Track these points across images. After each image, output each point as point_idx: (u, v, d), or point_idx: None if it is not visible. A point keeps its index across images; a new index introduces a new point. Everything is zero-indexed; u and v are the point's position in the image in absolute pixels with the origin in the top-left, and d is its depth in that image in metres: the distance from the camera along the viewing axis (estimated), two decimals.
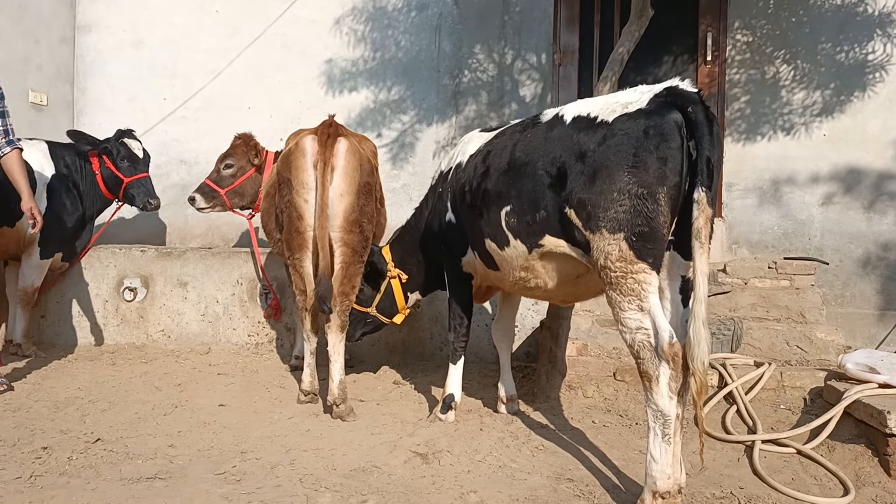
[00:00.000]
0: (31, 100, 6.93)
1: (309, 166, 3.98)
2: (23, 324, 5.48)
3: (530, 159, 3.04)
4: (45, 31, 7.15)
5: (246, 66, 7.28)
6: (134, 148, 5.75)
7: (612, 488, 3.06)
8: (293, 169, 4.03)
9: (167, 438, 3.53)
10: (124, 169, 5.66)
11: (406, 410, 4.21)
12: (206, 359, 5.58)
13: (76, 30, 7.57)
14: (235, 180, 5.48)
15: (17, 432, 3.53)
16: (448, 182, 3.86)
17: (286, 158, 4.12)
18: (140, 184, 5.70)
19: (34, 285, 5.50)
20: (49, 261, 5.53)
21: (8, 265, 5.68)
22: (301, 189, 4.00)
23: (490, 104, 6.78)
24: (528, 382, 4.76)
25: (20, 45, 6.84)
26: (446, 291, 4.14)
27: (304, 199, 4.00)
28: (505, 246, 3.23)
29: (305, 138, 4.05)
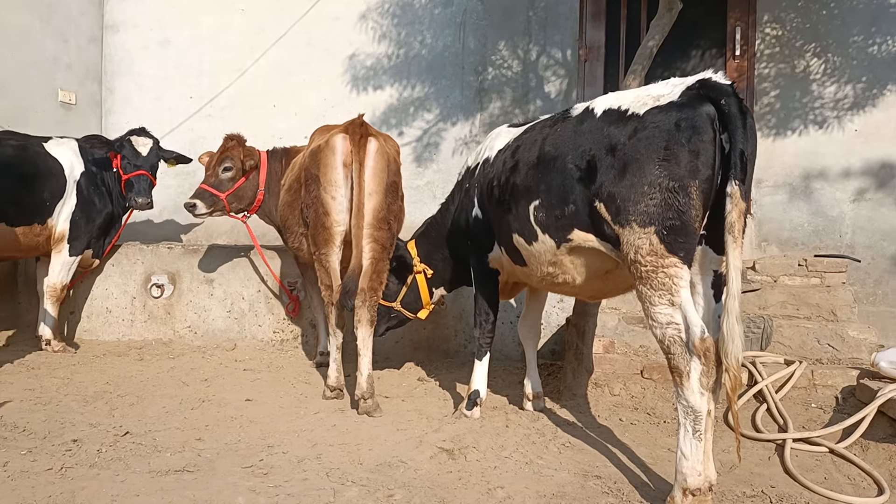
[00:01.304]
0: (60, 99, 7.03)
1: (339, 164, 4.04)
2: (52, 319, 5.55)
3: (560, 153, 3.01)
4: (74, 31, 7.25)
5: (271, 65, 7.32)
6: (138, 145, 5.71)
7: (641, 485, 3.03)
8: (322, 166, 4.07)
9: (195, 432, 3.55)
10: (125, 166, 5.68)
11: (431, 407, 4.20)
12: (232, 355, 5.61)
13: (104, 29, 7.66)
14: (235, 183, 5.33)
15: (47, 425, 3.57)
16: (475, 178, 3.85)
17: (315, 156, 4.15)
18: (134, 181, 5.63)
19: (63, 282, 5.57)
20: (78, 258, 5.60)
21: (39, 261, 5.76)
22: (329, 186, 4.05)
23: (515, 101, 6.75)
24: (554, 380, 4.73)
25: (49, 44, 6.94)
26: (471, 287, 4.13)
27: (331, 196, 4.06)
28: (533, 241, 3.21)
29: (336, 137, 4.09)
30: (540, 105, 6.64)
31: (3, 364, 4.99)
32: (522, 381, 4.23)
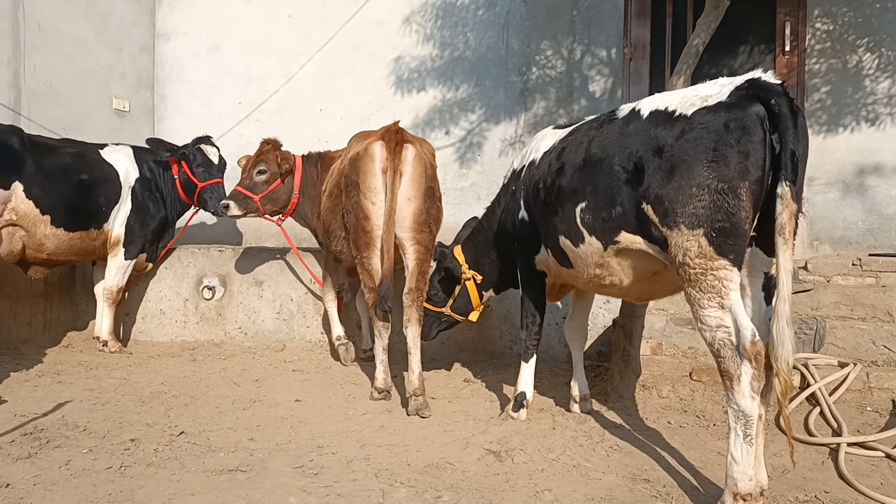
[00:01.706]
0: (114, 106, 7.25)
1: (377, 171, 4.15)
2: (108, 321, 5.73)
3: (606, 155, 2.99)
4: (127, 40, 7.47)
5: (317, 69, 7.43)
6: (209, 154, 5.95)
7: (691, 489, 2.99)
8: (361, 173, 4.18)
9: (247, 432, 3.63)
10: (199, 174, 5.87)
11: (477, 408, 4.21)
12: (281, 355, 5.72)
13: (156, 38, 7.88)
14: (269, 186, 5.42)
15: (106, 425, 3.69)
16: (521, 180, 3.85)
17: (354, 163, 4.25)
18: (213, 189, 5.87)
19: (119, 285, 5.75)
20: (133, 262, 5.77)
21: (96, 264, 5.95)
22: (368, 192, 4.16)
23: (559, 101, 6.73)
24: (601, 382, 4.71)
25: (104, 53, 7.16)
26: (518, 289, 4.14)
27: (371, 201, 4.17)
28: (579, 243, 3.20)
29: (374, 144, 4.19)
30: (584, 105, 6.61)
31: (63, 365, 5.18)
32: (568, 382, 4.21)
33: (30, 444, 3.33)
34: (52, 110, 6.51)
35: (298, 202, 5.54)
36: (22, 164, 5.00)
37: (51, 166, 5.19)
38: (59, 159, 5.30)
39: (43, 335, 6.11)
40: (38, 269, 5.39)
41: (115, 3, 7.31)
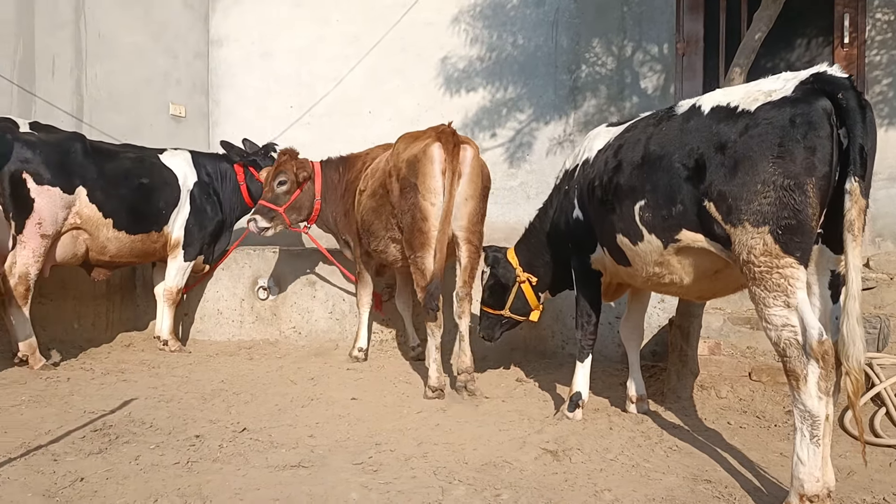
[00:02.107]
0: (171, 112, 7.45)
1: (437, 173, 4.24)
2: (168, 321, 5.89)
3: (666, 152, 2.96)
4: (182, 47, 7.66)
5: (366, 72, 7.51)
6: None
7: (753, 490, 2.95)
8: (420, 175, 4.26)
9: (307, 429, 3.69)
10: None
11: (532, 408, 4.21)
12: (334, 354, 5.80)
13: (209, 44, 8.06)
14: (291, 196, 5.47)
15: (171, 421, 3.80)
16: (575, 179, 3.83)
17: (413, 165, 4.32)
18: None
19: (178, 286, 5.91)
20: (192, 263, 5.93)
21: (156, 266, 6.12)
22: (428, 193, 4.26)
23: (609, 98, 6.67)
24: (656, 382, 4.65)
25: (161, 60, 7.36)
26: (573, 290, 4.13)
27: (430, 202, 4.27)
28: (638, 241, 3.17)
29: (432, 146, 4.27)
30: (636, 102, 6.54)
31: (126, 363, 5.34)
32: (623, 382, 4.18)
33: (100, 439, 3.44)
34: (112, 117, 6.72)
35: (322, 208, 5.59)
36: (85, 169, 5.18)
37: (112, 171, 5.37)
38: (121, 164, 5.47)
39: (106, 335, 6.31)
40: (101, 272, 5.57)
41: (171, 11, 7.51)
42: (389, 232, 4.71)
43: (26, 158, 4.87)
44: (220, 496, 2.79)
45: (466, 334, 4.56)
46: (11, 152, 4.82)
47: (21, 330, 4.89)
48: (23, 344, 4.89)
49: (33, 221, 4.88)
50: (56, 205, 4.97)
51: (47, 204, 4.92)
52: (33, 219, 4.87)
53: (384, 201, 4.67)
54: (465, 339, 4.54)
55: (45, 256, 4.97)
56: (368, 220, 4.91)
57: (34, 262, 4.89)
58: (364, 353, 5.52)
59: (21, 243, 4.86)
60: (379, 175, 4.77)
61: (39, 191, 4.89)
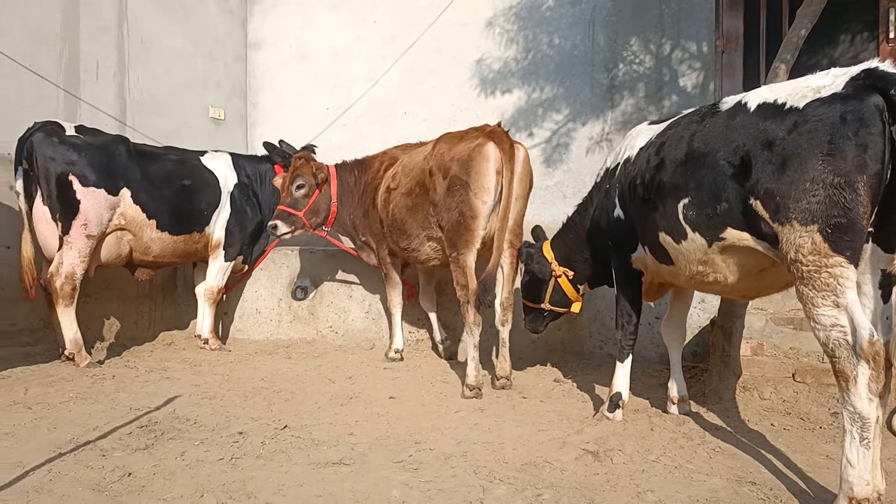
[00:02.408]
0: (210, 115, 7.57)
1: (492, 172, 4.31)
2: (209, 320, 5.98)
3: (710, 149, 2.93)
4: (222, 51, 7.78)
5: (401, 73, 7.54)
6: None
7: (799, 493, 2.90)
8: (474, 173, 4.31)
9: (346, 427, 3.73)
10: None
11: (570, 408, 4.19)
12: (371, 354, 5.84)
13: (248, 48, 8.17)
14: (309, 199, 5.51)
15: (214, 418, 3.86)
16: (616, 178, 3.81)
17: (466, 163, 4.36)
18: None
19: (219, 285, 6.01)
20: (232, 263, 6.02)
21: (196, 266, 6.23)
22: (481, 192, 4.31)
23: (648, 97, 6.61)
24: (697, 383, 4.60)
25: (200, 64, 7.49)
26: (610, 287, 4.10)
27: (482, 201, 4.32)
28: (682, 239, 3.14)
29: (488, 145, 4.33)
30: (675, 100, 6.47)
31: (168, 361, 5.44)
32: (663, 384, 4.15)
33: (146, 436, 3.51)
34: (153, 120, 6.84)
35: (339, 210, 5.63)
36: (129, 171, 5.29)
37: (155, 173, 5.48)
38: (163, 166, 5.58)
39: (148, 333, 6.44)
40: (145, 271, 5.69)
41: (210, 15, 7.63)
42: (427, 230, 4.74)
43: (72, 161, 4.99)
44: (263, 492, 2.83)
45: (507, 340, 4.69)
46: (58, 155, 4.95)
47: (68, 328, 5.01)
48: (69, 342, 5.01)
49: (79, 223, 5.00)
50: (101, 206, 5.08)
51: (93, 205, 5.03)
52: (79, 220, 4.99)
53: (422, 200, 4.70)
54: (506, 345, 4.69)
55: (90, 257, 5.08)
56: (401, 218, 4.94)
57: (80, 262, 5.01)
58: (400, 354, 5.55)
59: (67, 244, 4.98)
60: (416, 174, 4.80)
61: (85, 192, 5.01)
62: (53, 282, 4.96)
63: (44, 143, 4.94)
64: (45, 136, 4.96)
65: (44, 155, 4.93)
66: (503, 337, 4.70)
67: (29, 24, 5.65)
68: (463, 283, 4.43)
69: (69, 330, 5.01)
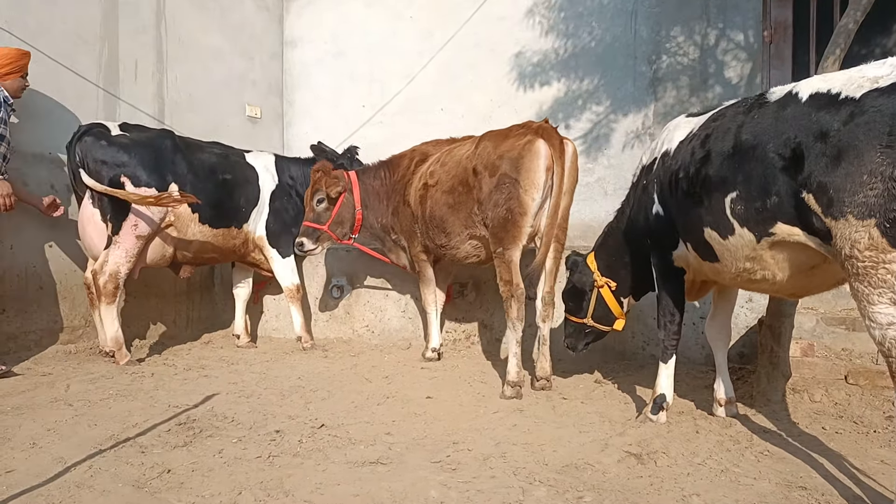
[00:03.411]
0: (247, 113, 7.67)
1: (542, 168, 4.35)
2: (299, 319, 6.07)
3: (759, 141, 2.86)
4: (258, 48, 7.87)
5: (438, 69, 7.55)
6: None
7: (853, 498, 2.82)
8: (524, 170, 4.36)
9: (383, 427, 3.74)
10: None
11: (612, 410, 4.15)
12: (407, 354, 5.86)
13: (284, 45, 8.26)
14: (332, 212, 5.50)
15: (252, 416, 3.91)
16: (654, 173, 3.74)
17: (516, 160, 4.40)
18: None
19: (295, 282, 6.11)
20: (292, 258, 6.10)
21: (235, 266, 6.30)
22: (531, 188, 4.36)
23: (692, 89, 6.50)
24: (744, 385, 4.51)
25: (237, 62, 7.59)
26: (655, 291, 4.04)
27: (531, 197, 4.37)
28: (728, 235, 3.08)
29: (538, 142, 4.39)
30: (720, 92, 6.36)
31: (206, 360, 5.52)
32: (708, 385, 4.08)
33: (185, 433, 3.57)
34: (191, 119, 6.95)
35: (364, 216, 5.60)
36: (175, 164, 5.39)
37: (199, 165, 5.58)
38: (207, 158, 5.68)
39: (186, 332, 6.55)
40: (187, 268, 5.77)
41: (246, 13, 7.73)
42: (469, 229, 4.75)
43: (122, 162, 5.09)
44: (301, 490, 2.86)
45: (548, 338, 4.71)
46: (109, 157, 5.06)
47: (109, 326, 5.11)
48: (111, 339, 5.12)
49: (130, 223, 5.11)
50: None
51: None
52: (130, 220, 5.10)
53: (465, 198, 4.71)
54: (546, 344, 4.70)
55: (136, 257, 5.18)
56: (440, 215, 4.94)
57: (126, 261, 5.10)
58: (437, 354, 5.55)
59: (115, 243, 5.09)
60: (458, 172, 4.80)
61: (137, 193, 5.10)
62: (97, 279, 5.07)
63: (93, 146, 5.04)
64: (94, 139, 5.06)
65: (95, 158, 5.03)
66: (543, 334, 4.69)
67: (68, 24, 5.78)
68: (507, 279, 4.46)
69: (111, 328, 5.12)
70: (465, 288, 6.14)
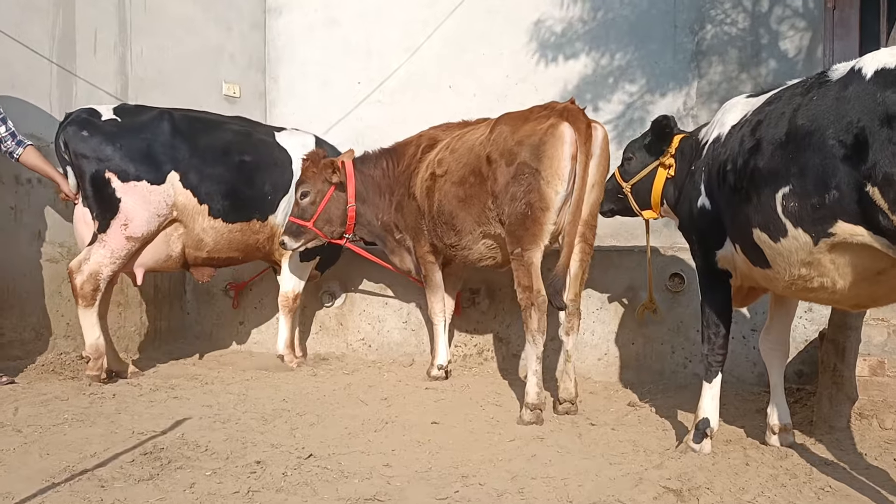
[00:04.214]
0: (224, 92, 7.71)
1: (567, 157, 4.35)
2: (285, 333, 6.02)
3: (817, 126, 2.87)
4: (237, 17, 7.92)
5: (445, 40, 7.56)
6: None
7: None
8: (546, 159, 4.36)
9: (381, 457, 3.76)
10: None
11: (647, 437, 4.16)
12: (410, 371, 5.90)
13: (266, 13, 8.30)
14: (317, 207, 5.53)
15: (228, 445, 3.93)
16: (702, 160, 3.76)
17: (536, 148, 4.40)
18: None
19: (295, 290, 6.02)
20: (311, 264, 6.05)
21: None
22: (554, 180, 4.36)
23: (741, 63, 6.50)
24: (803, 409, 4.52)
25: (212, 34, 7.62)
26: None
27: (555, 190, 4.37)
28: (780, 236, 3.09)
29: (562, 126, 4.37)
30: (774, 67, 6.35)
31: (176, 378, 5.56)
32: (760, 409, 4.09)
33: (151, 464, 3.60)
34: (158, 98, 6.94)
35: (359, 212, 5.62)
36: (175, 149, 5.36)
37: (207, 146, 5.52)
38: (218, 137, 5.62)
39: (153, 346, 6.60)
40: (204, 271, 5.76)
41: None
42: (483, 226, 4.77)
43: (107, 155, 5.11)
44: None
45: (573, 354, 4.73)
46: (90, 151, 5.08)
47: (89, 332, 5.11)
48: (90, 346, 5.12)
49: (119, 221, 5.13)
50: (146, 201, 5.17)
51: (135, 202, 5.13)
52: (119, 218, 5.12)
53: (478, 191, 4.73)
54: (571, 361, 4.71)
55: (124, 260, 5.21)
56: (450, 210, 4.97)
57: (110, 262, 5.13)
58: (445, 372, 5.57)
59: (100, 241, 5.12)
60: (470, 160, 4.82)
61: (125, 189, 5.11)
62: (73, 278, 5.08)
63: (74, 138, 5.07)
64: (76, 130, 5.08)
65: (76, 152, 5.07)
66: (568, 349, 4.70)
67: None
68: (526, 284, 4.46)
69: (90, 334, 5.14)
70: (478, 295, 6.16)
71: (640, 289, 5.52)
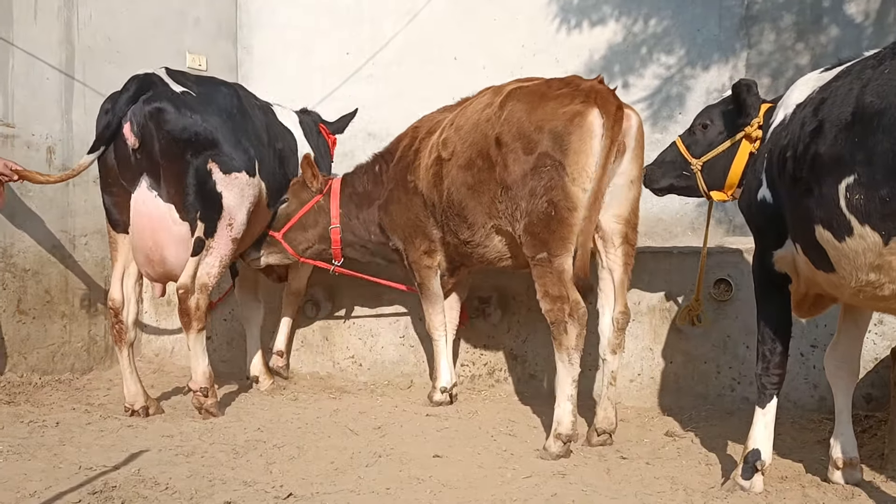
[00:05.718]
0: (188, 64, 7.69)
1: (597, 150, 4.33)
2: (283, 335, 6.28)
3: (888, 105, 2.87)
4: None
5: (449, 3, 7.56)
6: None
7: None
8: (573, 153, 4.36)
9: (374, 497, 3.77)
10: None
11: (688, 473, 4.17)
12: (408, 394, 5.91)
13: None
14: (291, 217, 5.61)
15: (193, 482, 3.93)
16: (765, 144, 3.77)
17: (560, 138, 4.39)
18: None
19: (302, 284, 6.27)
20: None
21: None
22: (580, 176, 4.36)
23: (798, 31, 6.51)
24: (873, 439, 4.53)
25: None
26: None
27: (583, 188, 4.36)
28: (845, 235, 3.09)
29: (591, 112, 4.36)
30: (836, 35, 6.37)
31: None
32: (822, 440, 4.09)
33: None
34: (110, 71, 6.92)
35: (347, 234, 5.67)
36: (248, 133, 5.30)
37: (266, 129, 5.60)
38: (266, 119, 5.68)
39: (103, 364, 6.59)
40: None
41: None
42: (494, 219, 4.74)
43: (211, 140, 4.97)
44: None
45: (616, 378, 4.73)
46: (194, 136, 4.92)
47: (201, 359, 5.12)
48: (201, 375, 5.11)
49: (224, 223, 5.09)
50: (243, 196, 5.13)
51: (233, 198, 5.07)
52: (224, 219, 5.08)
53: (486, 177, 4.70)
54: (615, 385, 4.72)
55: (225, 269, 5.29)
56: (459, 199, 4.95)
57: (217, 273, 5.14)
58: (449, 396, 5.57)
59: (209, 248, 5.07)
60: (476, 139, 4.78)
61: (227, 182, 5.03)
62: (187, 300, 5.01)
63: (173, 117, 4.86)
64: (173, 108, 4.87)
65: (173, 136, 4.87)
66: (611, 371, 4.68)
67: None
68: (556, 294, 4.43)
69: (201, 362, 5.12)
70: (488, 305, 6.15)
71: (680, 296, 5.52)
